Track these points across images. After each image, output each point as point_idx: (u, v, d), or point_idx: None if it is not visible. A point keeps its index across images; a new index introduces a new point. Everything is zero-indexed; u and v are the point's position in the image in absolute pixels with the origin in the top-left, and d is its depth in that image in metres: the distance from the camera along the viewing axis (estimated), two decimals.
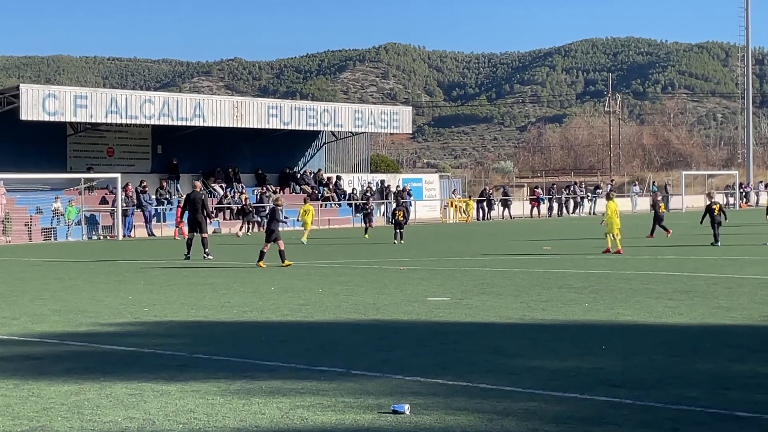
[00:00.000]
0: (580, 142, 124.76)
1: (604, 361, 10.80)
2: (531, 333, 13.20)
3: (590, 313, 14.86)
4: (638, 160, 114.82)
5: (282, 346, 12.27)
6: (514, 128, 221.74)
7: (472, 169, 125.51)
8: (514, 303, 16.27)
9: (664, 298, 16.52)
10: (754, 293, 17.04)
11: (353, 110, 58.33)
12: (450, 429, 7.88)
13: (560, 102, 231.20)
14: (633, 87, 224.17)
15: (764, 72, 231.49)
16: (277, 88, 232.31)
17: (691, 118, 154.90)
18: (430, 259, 27.02)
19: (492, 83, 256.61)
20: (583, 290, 18.05)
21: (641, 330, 13.24)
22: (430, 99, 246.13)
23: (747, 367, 10.37)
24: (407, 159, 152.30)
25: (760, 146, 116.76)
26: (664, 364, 10.59)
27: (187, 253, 28.42)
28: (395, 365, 10.69)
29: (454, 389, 9.45)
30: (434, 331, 13.40)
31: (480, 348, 11.88)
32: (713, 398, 8.84)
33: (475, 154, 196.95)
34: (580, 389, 9.29)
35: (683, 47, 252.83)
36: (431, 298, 17.15)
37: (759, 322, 13.68)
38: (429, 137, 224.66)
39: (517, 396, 9.07)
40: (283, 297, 17.75)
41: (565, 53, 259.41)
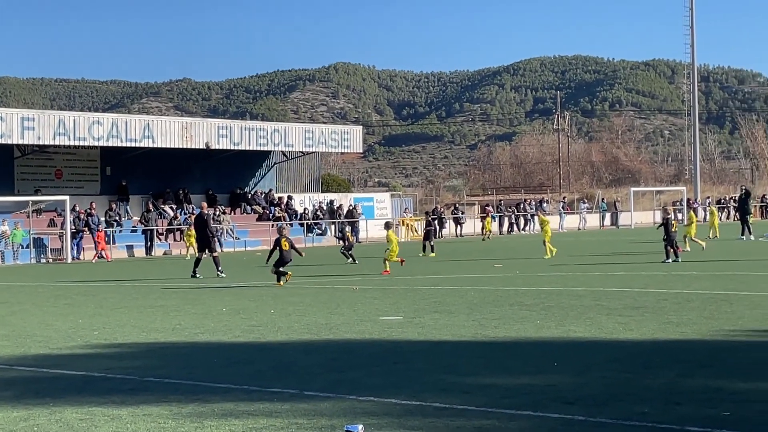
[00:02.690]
0: (530, 159, 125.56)
1: (557, 378, 10.85)
2: (484, 351, 13.23)
3: (542, 330, 14.92)
4: (587, 177, 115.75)
5: (234, 368, 12.19)
6: (465, 146, 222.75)
7: (423, 188, 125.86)
8: (466, 321, 16.30)
9: (614, 315, 16.63)
10: (703, 308, 17.21)
11: (304, 130, 58.31)
12: None
13: (510, 120, 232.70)
14: (581, 105, 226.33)
15: (710, 89, 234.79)
16: (227, 109, 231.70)
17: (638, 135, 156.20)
18: (382, 278, 27.01)
19: (442, 102, 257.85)
20: (535, 307, 18.13)
21: (593, 346, 13.32)
22: (380, 118, 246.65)
23: (697, 381, 10.46)
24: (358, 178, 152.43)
25: (707, 162, 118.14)
26: (616, 380, 10.66)
27: (194, 272, 29.02)
28: (348, 385, 10.67)
29: (408, 408, 9.44)
30: (387, 351, 13.39)
31: (433, 367, 11.88)
32: (664, 414, 8.90)
33: (425, 172, 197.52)
34: (533, 407, 9.32)
35: (630, 65, 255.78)
36: (384, 318, 17.14)
37: (708, 337, 13.81)
38: (380, 156, 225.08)
39: (471, 414, 9.07)
40: (235, 318, 17.65)
41: (513, 72, 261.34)
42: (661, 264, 29.19)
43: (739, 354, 12.39)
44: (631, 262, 30.55)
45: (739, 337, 13.77)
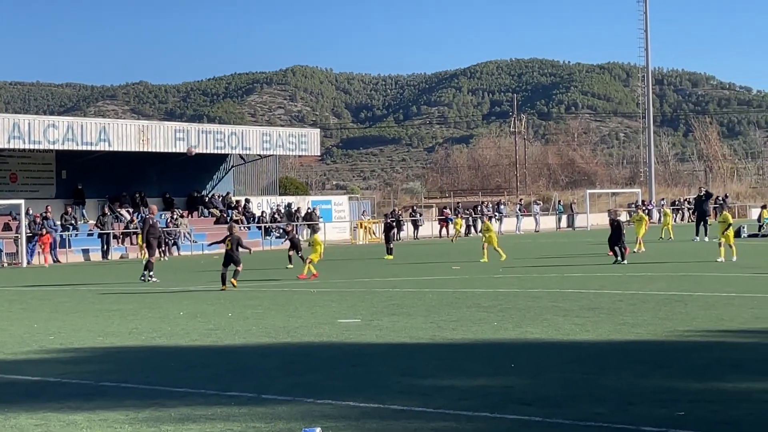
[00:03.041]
0: (487, 162, 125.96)
1: (514, 380, 10.91)
2: (441, 353, 13.28)
3: (499, 332, 15.00)
4: (544, 179, 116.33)
5: (191, 372, 12.15)
6: (422, 149, 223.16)
7: (381, 191, 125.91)
8: (424, 323, 16.34)
9: (571, 316, 16.75)
10: (658, 309, 17.38)
11: (261, 133, 58.14)
12: None
13: (467, 123, 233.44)
14: (537, 107, 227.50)
15: (664, 92, 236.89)
16: (184, 112, 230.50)
17: (594, 137, 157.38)
18: (340, 281, 27.01)
19: (399, 105, 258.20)
20: (492, 309, 18.22)
21: (549, 348, 13.41)
22: (338, 121, 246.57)
23: (652, 382, 10.57)
24: (316, 181, 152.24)
25: (661, 164, 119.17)
26: (572, 381, 10.75)
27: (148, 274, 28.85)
28: (306, 389, 10.67)
29: (366, 411, 9.46)
30: (345, 353, 13.40)
31: (391, 369, 11.91)
32: (620, 414, 8.99)
33: (383, 175, 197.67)
34: (491, 408, 9.37)
35: (585, 68, 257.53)
36: (342, 320, 17.15)
37: (663, 338, 13.95)
38: (338, 159, 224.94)
39: (429, 416, 9.11)
40: (193, 322, 17.58)
41: (470, 75, 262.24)
42: (616, 265, 29.41)
43: (693, 354, 12.53)
44: (587, 264, 30.76)
45: (693, 338, 13.92)
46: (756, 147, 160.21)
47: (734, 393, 9.82)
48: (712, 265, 28.43)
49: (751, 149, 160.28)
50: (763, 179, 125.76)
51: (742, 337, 13.98)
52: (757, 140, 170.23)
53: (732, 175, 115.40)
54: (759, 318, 15.83)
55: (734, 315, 16.29)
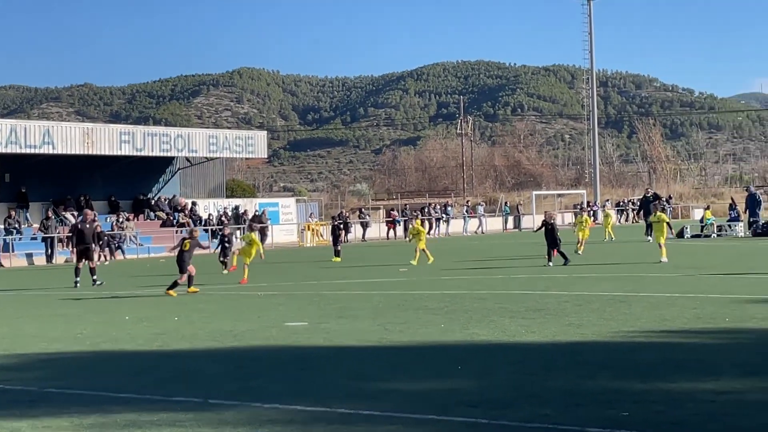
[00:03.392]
0: (435, 164, 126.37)
1: (461, 382, 10.96)
2: (389, 356, 13.30)
3: (446, 334, 15.06)
4: (491, 180, 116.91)
5: (137, 377, 12.07)
6: (369, 151, 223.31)
7: (329, 193, 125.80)
8: (371, 326, 16.36)
9: (517, 317, 16.86)
10: (603, 310, 17.54)
11: (208, 135, 57.88)
12: None
13: (414, 125, 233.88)
14: (484, 109, 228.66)
15: (608, 94, 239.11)
16: (130, 114, 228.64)
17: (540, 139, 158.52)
18: (287, 284, 26.95)
19: (346, 107, 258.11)
20: (439, 311, 18.28)
21: (496, 349, 13.49)
22: (285, 123, 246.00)
23: (597, 383, 10.67)
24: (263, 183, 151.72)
25: (606, 165, 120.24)
26: (519, 382, 10.82)
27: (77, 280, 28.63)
28: (253, 393, 10.64)
29: (313, 415, 9.46)
30: (292, 357, 13.38)
31: (338, 372, 11.91)
32: (565, 415, 9.06)
33: (331, 177, 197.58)
34: (438, 411, 9.40)
35: (531, 70, 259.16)
36: (289, 324, 17.11)
37: (608, 338, 14.08)
38: (285, 161, 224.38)
39: (376, 420, 9.12)
40: (139, 326, 17.45)
41: (417, 77, 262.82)
42: (562, 266, 29.61)
43: (638, 355, 12.66)
44: (534, 265, 30.91)
45: (637, 338, 14.07)
46: (698, 148, 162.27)
47: (678, 393, 9.95)
48: (655, 265, 28.74)
49: (694, 150, 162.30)
50: (706, 180, 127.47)
51: (685, 338, 14.15)
52: (700, 142, 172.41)
53: (675, 176, 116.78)
54: (701, 318, 16.04)
55: (677, 315, 16.49)
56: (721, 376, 10.79)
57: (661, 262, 29.47)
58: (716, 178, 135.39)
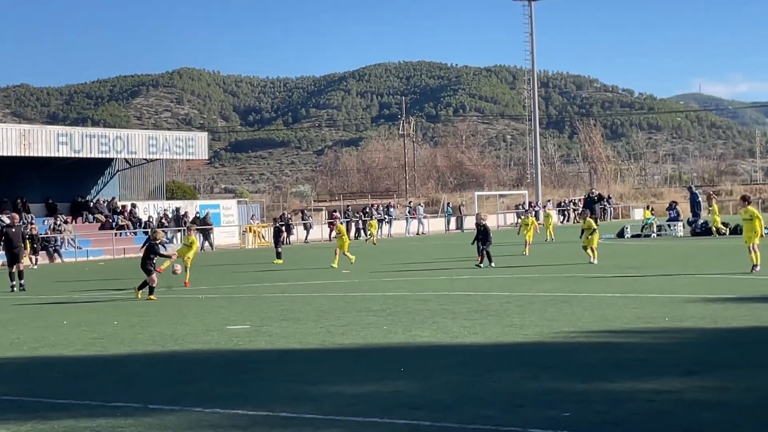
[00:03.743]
0: (377, 164, 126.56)
1: (403, 384, 10.94)
2: (331, 358, 13.25)
3: (389, 336, 15.04)
4: (433, 181, 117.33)
5: (76, 383, 11.90)
6: (311, 152, 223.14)
7: (270, 194, 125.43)
8: (314, 328, 16.29)
9: (459, 318, 16.88)
10: (544, 310, 17.62)
11: (147, 136, 57.39)
12: None
13: (356, 125, 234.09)
14: (426, 110, 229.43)
15: (549, 95, 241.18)
16: (67, 115, 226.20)
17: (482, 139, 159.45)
18: (229, 286, 26.78)
19: (288, 107, 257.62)
20: (382, 313, 18.25)
21: (438, 351, 13.49)
22: (226, 124, 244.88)
23: (539, 383, 10.70)
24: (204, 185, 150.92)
25: (547, 166, 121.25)
26: (461, 384, 10.82)
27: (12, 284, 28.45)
28: (194, 397, 10.53)
29: (255, 419, 9.38)
30: (234, 361, 13.28)
31: (280, 376, 11.84)
32: (508, 416, 9.08)
33: (273, 178, 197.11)
34: (380, 413, 9.37)
35: (473, 71, 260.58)
36: (231, 327, 16.99)
37: (549, 339, 14.15)
38: (226, 162, 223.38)
39: (318, 423, 9.07)
40: (77, 331, 17.22)
41: (359, 77, 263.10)
42: (503, 268, 29.73)
43: (579, 355, 12.73)
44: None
45: (578, 339, 14.15)
46: (638, 148, 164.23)
47: (619, 393, 10.00)
48: (595, 266, 28.98)
49: (634, 151, 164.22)
50: (646, 180, 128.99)
51: (626, 337, 14.26)
52: (640, 142, 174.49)
53: (615, 176, 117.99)
54: (641, 318, 16.17)
55: (617, 315, 16.61)
56: (660, 375, 10.88)
57: (591, 263, 29.59)
58: (656, 177, 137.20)
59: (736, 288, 20.55)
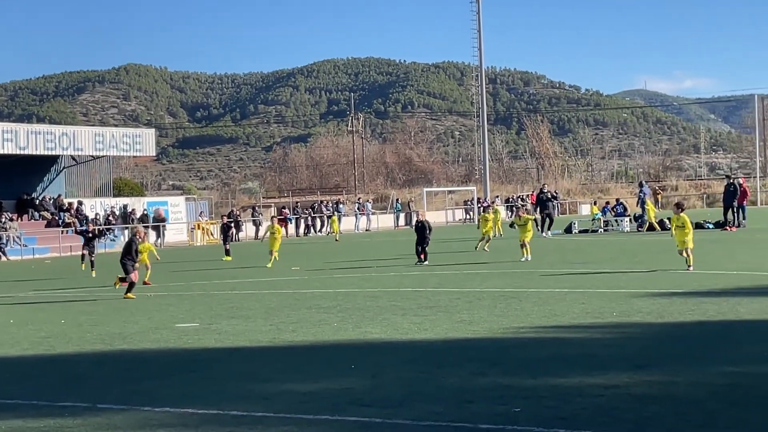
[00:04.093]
0: (326, 161, 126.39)
1: (354, 381, 10.95)
2: (282, 356, 13.22)
3: (339, 333, 15.03)
4: (382, 177, 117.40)
5: (22, 383, 11.77)
6: (260, 148, 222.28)
7: (219, 191, 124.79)
8: (264, 326, 16.25)
9: (409, 315, 16.92)
10: (494, 306, 17.71)
11: (94, 133, 56.85)
12: None
13: (304, 122, 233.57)
14: (375, 106, 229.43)
15: (497, 91, 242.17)
16: (12, 111, 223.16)
17: (430, 135, 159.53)
18: (177, 284, 26.62)
19: (236, 104, 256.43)
20: (332, 310, 18.25)
21: (389, 347, 13.51)
22: (173, 120, 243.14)
23: (489, 379, 10.75)
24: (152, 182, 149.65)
25: (496, 162, 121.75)
26: (411, 380, 10.85)
27: None
28: (144, 396, 10.46)
29: (205, 418, 9.34)
30: (183, 359, 13.20)
31: (230, 374, 11.79)
32: (458, 412, 9.11)
33: (221, 175, 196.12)
34: (331, 411, 9.38)
35: (421, 67, 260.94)
36: (180, 325, 16.89)
37: (499, 335, 14.22)
38: (174, 159, 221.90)
39: (269, 421, 9.05)
40: (23, 330, 17.03)
41: (307, 73, 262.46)
42: (453, 264, 29.82)
43: (528, 351, 12.81)
44: (425, 262, 31.05)
45: (527, 334, 14.24)
46: (585, 144, 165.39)
47: (567, 388, 10.08)
48: (543, 261, 29.17)
49: (581, 146, 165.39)
50: (593, 176, 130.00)
51: (574, 333, 14.37)
52: (586, 138, 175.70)
53: (563, 172, 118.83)
54: (589, 313, 16.31)
55: (566, 310, 16.74)
56: (609, 370, 10.98)
57: (525, 259, 29.35)
58: (602, 173, 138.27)
59: (681, 283, 20.79)
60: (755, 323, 14.53)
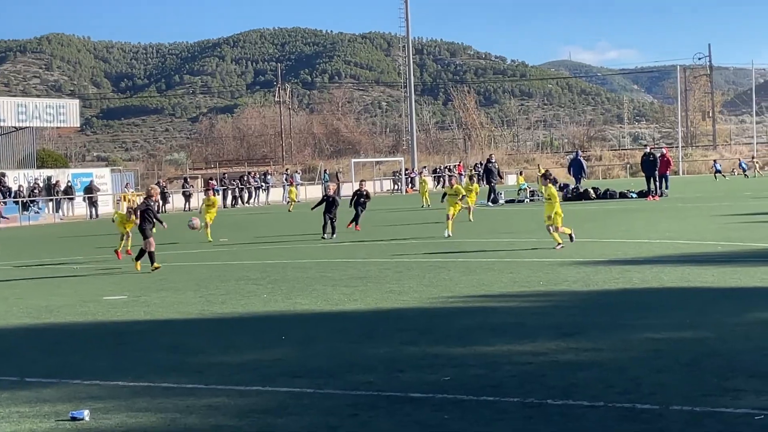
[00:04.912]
0: (253, 132, 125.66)
1: (285, 352, 10.99)
2: (212, 328, 13.20)
3: (269, 304, 15.05)
4: (309, 148, 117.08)
5: None
6: (186, 119, 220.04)
7: (145, 162, 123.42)
8: (193, 298, 16.19)
9: (340, 285, 16.98)
10: (423, 276, 17.84)
11: (16, 104, 55.92)
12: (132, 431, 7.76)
13: (231, 92, 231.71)
14: (302, 77, 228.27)
15: (424, 61, 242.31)
16: None
17: (358, 106, 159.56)
18: (104, 257, 26.34)
19: (161, 74, 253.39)
20: (262, 281, 18.23)
21: (319, 318, 13.57)
22: (97, 91, 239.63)
23: (419, 348, 10.86)
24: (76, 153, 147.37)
25: (423, 132, 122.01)
26: (342, 351, 10.92)
27: None
28: (72, 370, 10.39)
29: (136, 390, 9.31)
30: (112, 332, 13.12)
31: (160, 346, 11.76)
32: (389, 382, 9.20)
33: (146, 146, 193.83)
34: (262, 382, 9.41)
35: (348, 37, 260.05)
36: (108, 298, 16.76)
37: (428, 305, 14.35)
38: (98, 130, 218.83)
39: (200, 393, 9.06)
40: None
41: (233, 43, 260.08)
42: (381, 235, 29.89)
43: (457, 320, 12.95)
44: (354, 232, 31.10)
45: (456, 304, 14.38)
46: (511, 115, 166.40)
47: (496, 356, 10.22)
48: (472, 231, 29.38)
49: (507, 117, 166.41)
50: (518, 146, 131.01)
51: (502, 302, 14.55)
52: (512, 108, 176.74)
53: (489, 142, 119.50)
54: (517, 282, 16.52)
55: (494, 280, 16.93)
56: (537, 338, 11.15)
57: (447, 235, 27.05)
58: (528, 144, 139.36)
59: (606, 252, 21.13)
60: (678, 290, 14.84)
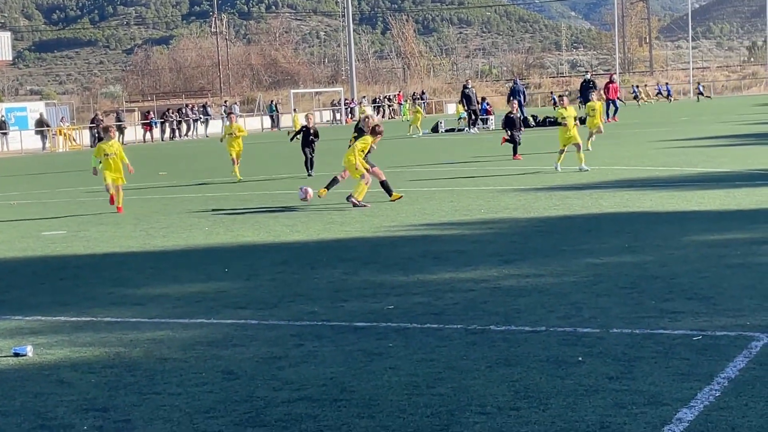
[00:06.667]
0: (189, 64, 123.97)
1: (228, 284, 10.98)
2: (153, 261, 13.13)
3: (211, 237, 15.00)
4: (248, 80, 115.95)
5: None
6: (120, 51, 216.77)
7: (80, 95, 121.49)
8: (133, 232, 16.08)
9: (281, 217, 16.96)
10: (364, 207, 17.84)
11: None
12: (76, 366, 7.72)
13: (166, 23, 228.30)
14: (238, 7, 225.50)
15: None
16: None
17: (295, 36, 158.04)
18: (42, 191, 26.04)
19: (94, 5, 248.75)
20: (203, 214, 18.14)
21: (262, 250, 13.55)
22: (29, 23, 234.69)
23: (361, 278, 10.91)
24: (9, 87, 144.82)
25: (362, 62, 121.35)
26: (285, 282, 10.93)
27: None
28: (13, 305, 10.30)
29: (78, 325, 9.26)
30: (52, 267, 13.01)
31: (101, 281, 11.68)
32: (333, 311, 9.25)
33: (81, 79, 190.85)
34: (206, 314, 9.40)
35: None
36: (47, 233, 16.59)
37: (370, 234, 14.39)
38: (31, 63, 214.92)
39: (144, 326, 9.03)
40: None
41: None
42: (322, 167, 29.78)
43: (400, 249, 13.00)
44: (297, 165, 30.94)
45: (399, 233, 14.44)
46: (450, 43, 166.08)
47: (439, 284, 10.30)
48: (414, 158, 29.42)
49: (446, 46, 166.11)
50: (457, 75, 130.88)
51: (444, 230, 14.63)
52: (451, 37, 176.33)
53: (428, 71, 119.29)
54: (458, 210, 16.61)
55: (435, 209, 17.01)
56: (478, 265, 11.25)
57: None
58: (467, 72, 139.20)
59: (546, 180, 21.29)
60: (617, 215, 15.03)
